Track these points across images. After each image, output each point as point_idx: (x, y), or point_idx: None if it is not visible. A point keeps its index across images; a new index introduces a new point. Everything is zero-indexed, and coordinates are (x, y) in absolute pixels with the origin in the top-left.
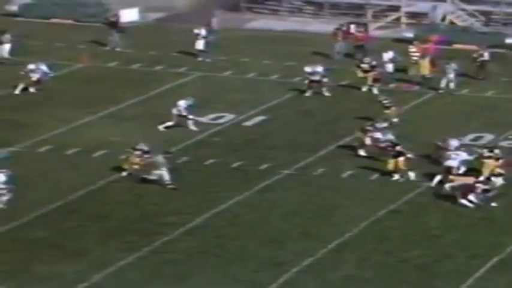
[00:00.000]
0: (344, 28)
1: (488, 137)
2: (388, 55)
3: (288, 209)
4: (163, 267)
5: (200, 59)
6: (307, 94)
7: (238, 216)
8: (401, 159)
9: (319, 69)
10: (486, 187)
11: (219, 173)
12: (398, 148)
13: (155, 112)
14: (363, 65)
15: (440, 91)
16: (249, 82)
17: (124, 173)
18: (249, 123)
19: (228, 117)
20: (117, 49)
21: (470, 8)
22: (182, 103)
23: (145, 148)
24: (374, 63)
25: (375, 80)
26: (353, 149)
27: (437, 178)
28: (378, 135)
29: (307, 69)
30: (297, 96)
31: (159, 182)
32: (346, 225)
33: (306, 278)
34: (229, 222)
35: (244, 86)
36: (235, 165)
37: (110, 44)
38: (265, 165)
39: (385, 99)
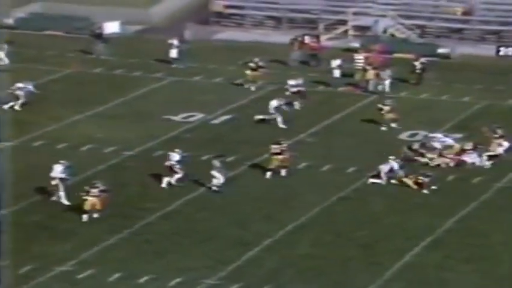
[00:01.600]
0: (299, 39)
1: (422, 133)
2: (336, 62)
3: (251, 195)
4: (143, 247)
5: (174, 65)
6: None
7: (208, 202)
8: None
9: (300, 81)
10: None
11: (190, 165)
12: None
13: (135, 111)
14: (251, 64)
15: (379, 93)
16: (216, 86)
17: (85, 216)
18: (216, 121)
19: (198, 116)
20: (102, 57)
21: (407, 22)
22: (275, 102)
23: (102, 186)
24: (261, 63)
25: (264, 77)
26: (308, 144)
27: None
28: (437, 144)
29: (291, 82)
30: (258, 97)
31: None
32: (301, 210)
33: (266, 255)
34: (200, 207)
35: (212, 89)
36: (204, 158)
37: (96, 52)
38: (231, 158)
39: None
